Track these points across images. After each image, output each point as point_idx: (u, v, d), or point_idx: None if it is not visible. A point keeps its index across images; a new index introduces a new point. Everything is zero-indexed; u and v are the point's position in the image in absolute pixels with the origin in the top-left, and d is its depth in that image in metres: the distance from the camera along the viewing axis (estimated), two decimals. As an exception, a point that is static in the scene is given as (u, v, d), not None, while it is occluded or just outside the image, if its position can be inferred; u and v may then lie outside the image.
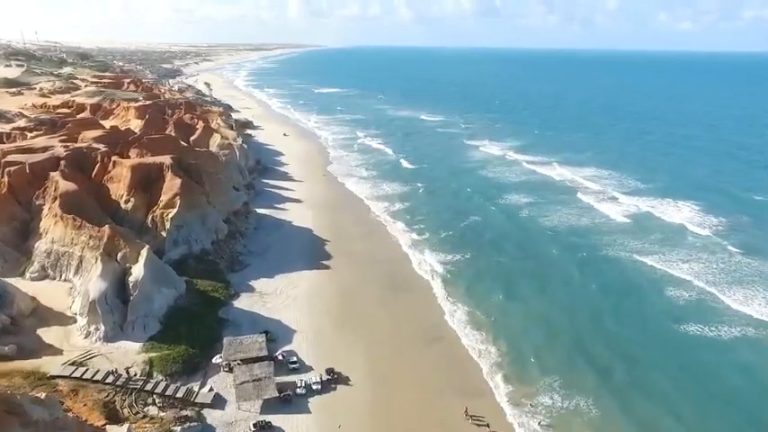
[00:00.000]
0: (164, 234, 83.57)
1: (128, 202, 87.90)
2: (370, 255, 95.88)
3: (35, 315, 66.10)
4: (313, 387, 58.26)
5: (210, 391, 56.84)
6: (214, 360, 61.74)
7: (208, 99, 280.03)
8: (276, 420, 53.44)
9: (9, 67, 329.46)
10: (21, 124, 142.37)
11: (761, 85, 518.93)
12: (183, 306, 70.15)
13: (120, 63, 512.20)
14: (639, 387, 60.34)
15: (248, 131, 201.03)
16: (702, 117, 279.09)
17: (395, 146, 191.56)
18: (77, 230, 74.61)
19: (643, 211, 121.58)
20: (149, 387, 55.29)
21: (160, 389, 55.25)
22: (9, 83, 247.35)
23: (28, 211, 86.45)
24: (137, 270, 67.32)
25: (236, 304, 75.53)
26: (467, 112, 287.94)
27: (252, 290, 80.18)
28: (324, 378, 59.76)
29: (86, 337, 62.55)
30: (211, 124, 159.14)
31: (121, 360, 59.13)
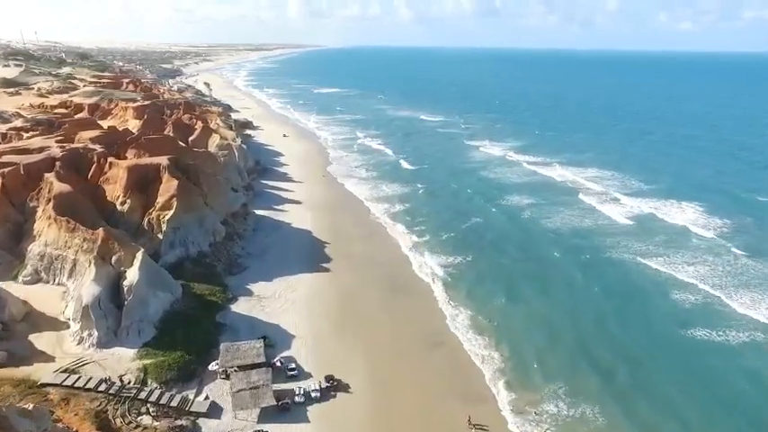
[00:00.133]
0: (160, 236, 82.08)
1: (124, 203, 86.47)
2: (370, 257, 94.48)
3: (27, 320, 64.51)
4: (312, 395, 56.71)
5: (206, 399, 55.25)
6: (210, 367, 60.17)
7: (207, 99, 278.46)
8: (274, 430, 51.96)
9: (7, 66, 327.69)
10: (17, 124, 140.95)
11: (761, 86, 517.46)
12: (179, 311, 68.54)
13: (120, 63, 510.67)
14: (645, 393, 58.91)
15: (248, 132, 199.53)
16: (703, 117, 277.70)
17: (395, 146, 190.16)
18: (71, 233, 73.10)
19: (646, 212, 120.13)
20: (143, 395, 53.66)
21: (154, 397, 53.66)
22: (7, 83, 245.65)
23: (22, 213, 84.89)
24: (131, 274, 65.80)
25: (233, 308, 74.05)
26: (467, 112, 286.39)
27: (250, 293, 78.69)
28: (323, 385, 58.19)
29: (79, 343, 60.99)
30: (210, 124, 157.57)
31: (115, 367, 57.62)
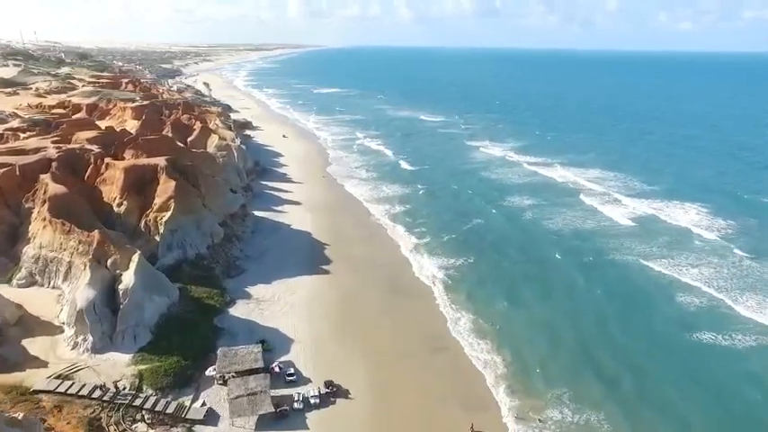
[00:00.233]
0: (157, 238, 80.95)
1: (120, 205, 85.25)
2: (370, 259, 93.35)
3: (21, 324, 63.18)
4: (311, 401, 55.55)
5: (203, 405, 54.01)
6: (207, 372, 58.96)
7: (207, 99, 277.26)
8: (272, 437, 50.97)
9: (6, 66, 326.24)
10: (14, 125, 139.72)
11: (761, 85, 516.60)
12: (176, 314, 67.31)
13: (120, 63, 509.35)
14: (650, 399, 57.89)
15: (247, 132, 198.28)
16: (703, 117, 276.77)
17: (395, 147, 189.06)
18: (66, 235, 71.86)
19: (648, 213, 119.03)
20: (138, 402, 52.48)
21: (150, 404, 52.42)
22: (5, 83, 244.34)
23: (17, 215, 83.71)
24: (127, 277, 64.57)
25: (231, 312, 72.82)
26: (467, 112, 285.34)
27: (248, 296, 77.49)
28: (322, 391, 57.03)
29: (74, 348, 59.72)
30: (209, 125, 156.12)
31: (110, 373, 56.41)
